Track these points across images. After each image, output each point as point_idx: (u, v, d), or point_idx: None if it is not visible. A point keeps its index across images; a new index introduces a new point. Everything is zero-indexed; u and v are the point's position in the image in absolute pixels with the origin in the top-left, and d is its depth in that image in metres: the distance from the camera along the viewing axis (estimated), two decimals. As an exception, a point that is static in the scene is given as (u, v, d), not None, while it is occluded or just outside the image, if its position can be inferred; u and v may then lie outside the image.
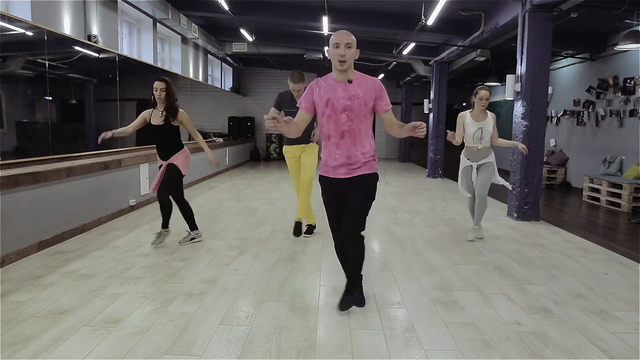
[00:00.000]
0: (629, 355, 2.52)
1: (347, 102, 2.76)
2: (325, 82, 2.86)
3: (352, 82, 2.79)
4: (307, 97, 2.89)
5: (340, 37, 2.72)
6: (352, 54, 2.74)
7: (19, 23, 4.53)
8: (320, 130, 2.92)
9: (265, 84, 15.64)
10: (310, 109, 2.89)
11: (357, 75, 2.83)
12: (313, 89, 2.88)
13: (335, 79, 2.82)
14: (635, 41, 6.48)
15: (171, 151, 4.43)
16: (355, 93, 2.77)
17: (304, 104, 2.90)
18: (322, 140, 2.93)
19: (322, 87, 2.84)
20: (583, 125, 9.29)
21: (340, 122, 2.79)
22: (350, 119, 2.78)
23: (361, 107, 2.77)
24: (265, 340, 2.60)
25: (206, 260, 4.07)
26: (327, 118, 2.82)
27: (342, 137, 2.81)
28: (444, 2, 6.33)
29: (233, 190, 8.42)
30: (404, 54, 10.39)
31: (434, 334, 2.71)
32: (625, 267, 4.11)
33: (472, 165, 4.76)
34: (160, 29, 9.22)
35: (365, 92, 2.78)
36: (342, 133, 2.80)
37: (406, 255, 4.35)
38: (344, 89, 2.78)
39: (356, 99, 2.76)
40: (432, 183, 10.00)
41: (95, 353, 2.43)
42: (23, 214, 4.03)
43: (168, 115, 4.33)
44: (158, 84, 4.31)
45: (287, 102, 4.68)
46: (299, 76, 4.50)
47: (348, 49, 2.71)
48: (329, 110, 2.80)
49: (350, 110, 2.77)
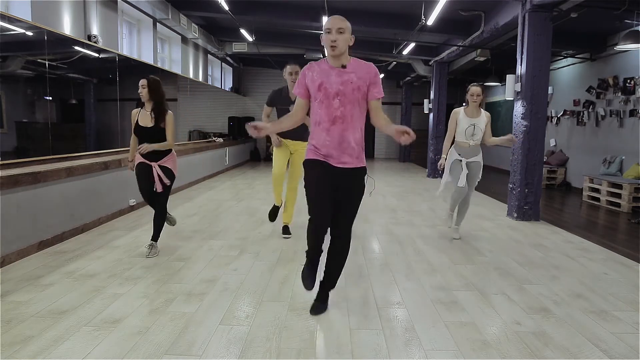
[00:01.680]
0: (629, 355, 2.52)
1: (340, 86, 2.69)
2: (319, 66, 2.80)
3: (346, 67, 2.72)
4: (300, 82, 2.83)
5: (332, 22, 2.67)
6: (344, 39, 2.67)
7: (19, 23, 4.53)
8: (312, 116, 2.84)
9: (265, 84, 15.63)
10: (304, 94, 2.83)
11: (352, 61, 2.77)
12: (306, 74, 2.81)
13: (329, 64, 2.76)
14: (635, 41, 6.48)
15: (161, 154, 4.17)
16: (348, 78, 2.71)
17: (298, 89, 2.85)
18: (312, 126, 2.84)
19: (315, 71, 2.78)
20: (583, 125, 9.29)
21: (332, 107, 2.71)
22: (342, 104, 2.71)
23: (354, 92, 2.70)
24: (265, 340, 2.60)
25: (206, 260, 4.07)
26: (319, 103, 2.74)
27: (334, 123, 2.72)
28: (444, 2, 6.33)
29: (233, 190, 8.42)
30: (404, 54, 10.39)
31: (434, 334, 2.71)
32: (625, 267, 4.11)
33: (462, 160, 4.76)
34: (160, 29, 9.22)
35: (359, 77, 2.71)
36: (333, 119, 2.72)
37: (406, 255, 4.35)
38: (337, 73, 2.72)
39: (349, 83, 2.70)
40: (432, 183, 10.00)
41: (95, 353, 2.43)
42: (23, 214, 4.03)
43: (157, 116, 4.12)
44: (141, 81, 4.10)
45: (280, 99, 4.66)
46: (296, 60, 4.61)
47: (340, 34, 2.64)
48: (321, 94, 2.72)
49: (343, 95, 2.70)
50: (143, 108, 4.20)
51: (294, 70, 4.54)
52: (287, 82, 4.65)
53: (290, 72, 4.55)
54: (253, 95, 16.02)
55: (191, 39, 10.37)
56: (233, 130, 13.62)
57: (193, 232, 5.05)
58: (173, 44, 10.29)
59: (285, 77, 4.61)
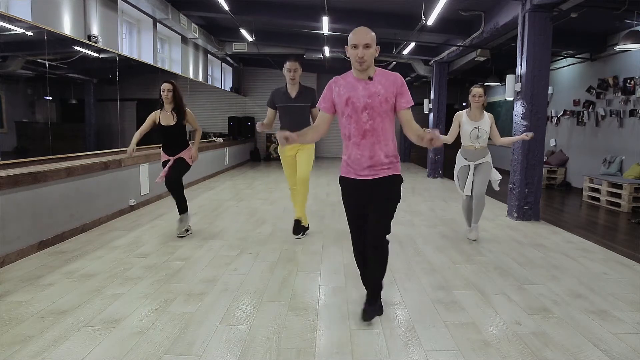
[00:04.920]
0: (629, 355, 2.52)
1: (368, 100, 2.65)
2: (344, 80, 2.75)
3: (372, 79, 2.68)
4: (326, 96, 2.79)
5: (358, 37, 2.60)
6: (371, 54, 2.62)
7: (19, 23, 4.53)
8: (341, 130, 2.81)
9: (265, 84, 15.62)
10: (330, 108, 2.79)
11: (377, 72, 2.71)
12: (332, 88, 2.77)
13: (355, 76, 2.72)
14: (635, 41, 6.48)
15: (180, 148, 4.78)
16: (376, 90, 2.66)
17: (323, 104, 2.81)
18: (343, 140, 2.83)
19: (341, 85, 2.74)
20: (583, 125, 9.29)
21: (361, 121, 2.68)
22: (371, 118, 2.66)
23: (382, 105, 2.65)
24: (265, 340, 2.60)
25: (206, 260, 4.07)
26: (348, 117, 2.71)
27: (364, 137, 2.69)
28: (444, 2, 6.33)
29: (233, 190, 8.42)
30: (404, 54, 10.40)
31: (434, 334, 2.71)
32: (625, 267, 4.11)
33: (470, 165, 4.74)
34: (160, 29, 9.22)
35: (386, 89, 2.66)
36: (363, 132, 2.68)
37: (406, 255, 4.35)
38: (364, 87, 2.67)
39: (377, 96, 2.65)
40: (432, 183, 10.01)
41: (95, 353, 2.43)
42: (23, 214, 4.03)
43: (179, 115, 4.68)
44: (165, 85, 4.62)
45: (281, 98, 4.65)
46: (295, 57, 4.63)
47: (367, 49, 2.60)
48: (349, 109, 2.69)
49: (371, 109, 2.65)
50: (162, 110, 4.70)
51: (293, 67, 4.54)
52: (286, 80, 4.65)
53: (289, 69, 4.56)
54: (253, 95, 16.01)
55: (191, 39, 10.37)
56: (233, 130, 13.62)
57: (193, 232, 5.04)
58: (173, 44, 10.29)
59: (284, 73, 4.61)
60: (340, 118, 2.79)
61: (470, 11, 7.48)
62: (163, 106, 4.70)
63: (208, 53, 12.36)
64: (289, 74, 4.55)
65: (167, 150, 4.79)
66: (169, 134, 4.73)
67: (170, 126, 4.69)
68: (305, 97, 4.62)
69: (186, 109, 4.77)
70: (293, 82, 4.58)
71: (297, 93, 4.61)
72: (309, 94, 4.66)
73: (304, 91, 4.64)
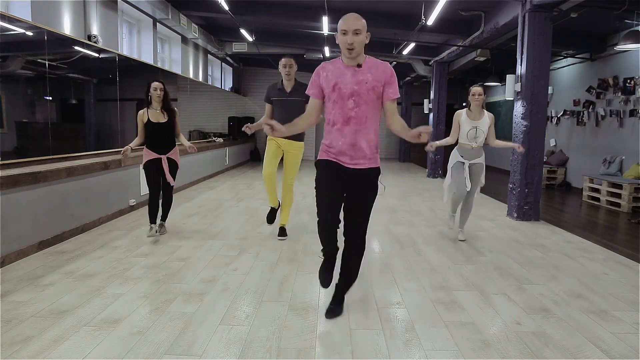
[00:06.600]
0: (629, 355, 2.52)
1: (355, 87, 2.62)
2: (333, 65, 2.71)
3: (361, 67, 2.64)
4: (314, 82, 2.77)
5: (348, 23, 2.57)
6: (361, 41, 2.58)
7: (19, 23, 4.52)
8: (325, 116, 2.79)
9: (265, 84, 15.45)
10: (318, 94, 2.75)
11: (367, 60, 2.68)
12: (320, 74, 2.74)
13: (344, 63, 2.68)
14: (635, 41, 6.48)
15: (169, 146, 4.76)
16: (364, 78, 2.63)
17: (312, 90, 2.79)
18: (325, 127, 2.80)
19: (329, 70, 2.71)
20: (583, 125, 9.29)
21: (346, 107, 2.65)
22: (357, 105, 2.64)
23: (369, 93, 2.63)
24: (265, 340, 2.60)
25: (206, 260, 4.07)
26: (333, 103, 2.68)
27: (348, 124, 2.66)
28: (444, 2, 6.33)
29: (233, 190, 8.42)
30: (404, 54, 10.40)
31: (434, 334, 2.71)
32: (625, 267, 4.11)
33: (465, 163, 4.74)
34: (160, 29, 9.22)
35: (374, 77, 2.63)
36: (348, 119, 2.65)
37: (406, 255, 4.35)
38: (352, 73, 2.64)
39: (364, 83, 2.62)
40: (432, 183, 10.01)
41: (95, 353, 2.43)
42: (23, 214, 4.03)
43: (169, 113, 4.70)
44: (157, 84, 4.65)
45: (276, 92, 4.68)
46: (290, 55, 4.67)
47: (356, 36, 2.55)
48: (335, 94, 2.66)
49: (357, 96, 2.62)
50: (150, 107, 4.68)
51: (288, 63, 4.57)
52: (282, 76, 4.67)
53: (284, 65, 4.59)
54: (253, 95, 16.01)
55: (191, 39, 10.37)
56: (233, 130, 13.62)
57: (193, 232, 5.05)
58: (173, 44, 10.29)
59: (280, 70, 4.63)
60: (326, 104, 2.76)
61: (470, 11, 7.49)
62: (150, 104, 4.67)
63: (208, 53, 12.36)
64: (285, 70, 4.59)
65: (155, 148, 4.69)
66: (159, 132, 4.68)
67: (161, 123, 4.66)
68: (300, 92, 4.63)
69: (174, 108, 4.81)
70: (288, 77, 4.62)
71: (292, 88, 4.64)
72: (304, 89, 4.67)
73: (299, 87, 4.66)
